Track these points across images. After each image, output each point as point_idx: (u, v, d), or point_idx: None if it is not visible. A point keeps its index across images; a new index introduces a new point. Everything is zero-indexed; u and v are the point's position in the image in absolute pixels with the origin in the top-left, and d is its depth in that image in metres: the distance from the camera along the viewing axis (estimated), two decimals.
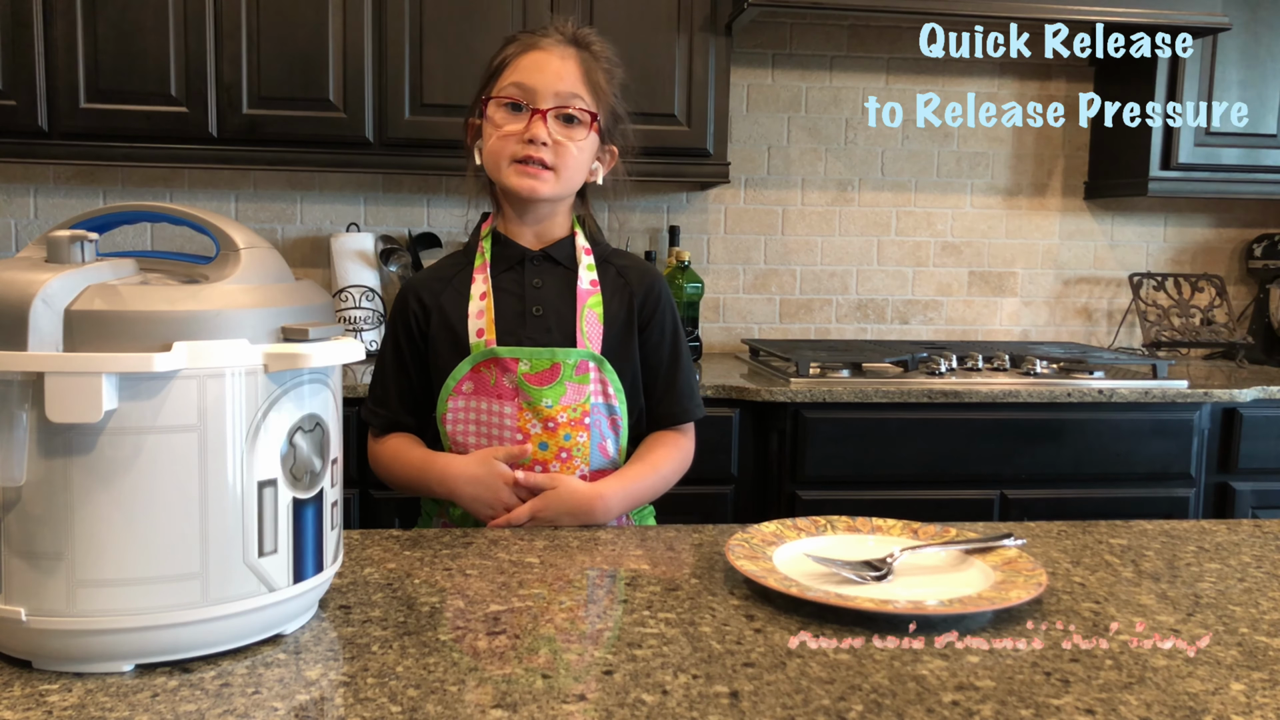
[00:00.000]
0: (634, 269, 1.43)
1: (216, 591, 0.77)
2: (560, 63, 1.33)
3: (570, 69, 1.33)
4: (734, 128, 2.93)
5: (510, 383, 1.31)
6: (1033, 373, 2.45)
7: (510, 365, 1.31)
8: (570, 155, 1.32)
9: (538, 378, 1.31)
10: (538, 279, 1.37)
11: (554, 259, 1.39)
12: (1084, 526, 1.24)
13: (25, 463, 0.73)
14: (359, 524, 2.27)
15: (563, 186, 1.34)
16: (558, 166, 1.32)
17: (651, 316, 1.41)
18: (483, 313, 1.34)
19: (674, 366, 1.42)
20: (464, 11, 2.46)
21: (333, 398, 0.87)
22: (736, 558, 1.01)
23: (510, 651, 0.83)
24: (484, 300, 1.34)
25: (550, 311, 1.35)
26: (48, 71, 2.36)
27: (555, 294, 1.37)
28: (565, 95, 1.31)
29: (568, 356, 1.32)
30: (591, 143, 1.35)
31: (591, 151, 1.37)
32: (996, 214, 3.08)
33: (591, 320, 1.35)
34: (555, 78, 1.31)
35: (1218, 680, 0.80)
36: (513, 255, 1.38)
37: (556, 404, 1.31)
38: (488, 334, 1.33)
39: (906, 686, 0.78)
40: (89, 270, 0.76)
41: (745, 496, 2.36)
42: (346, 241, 2.69)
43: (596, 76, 1.35)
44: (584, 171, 1.37)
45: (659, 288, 1.43)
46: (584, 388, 1.33)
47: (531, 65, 1.32)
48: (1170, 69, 2.76)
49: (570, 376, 1.32)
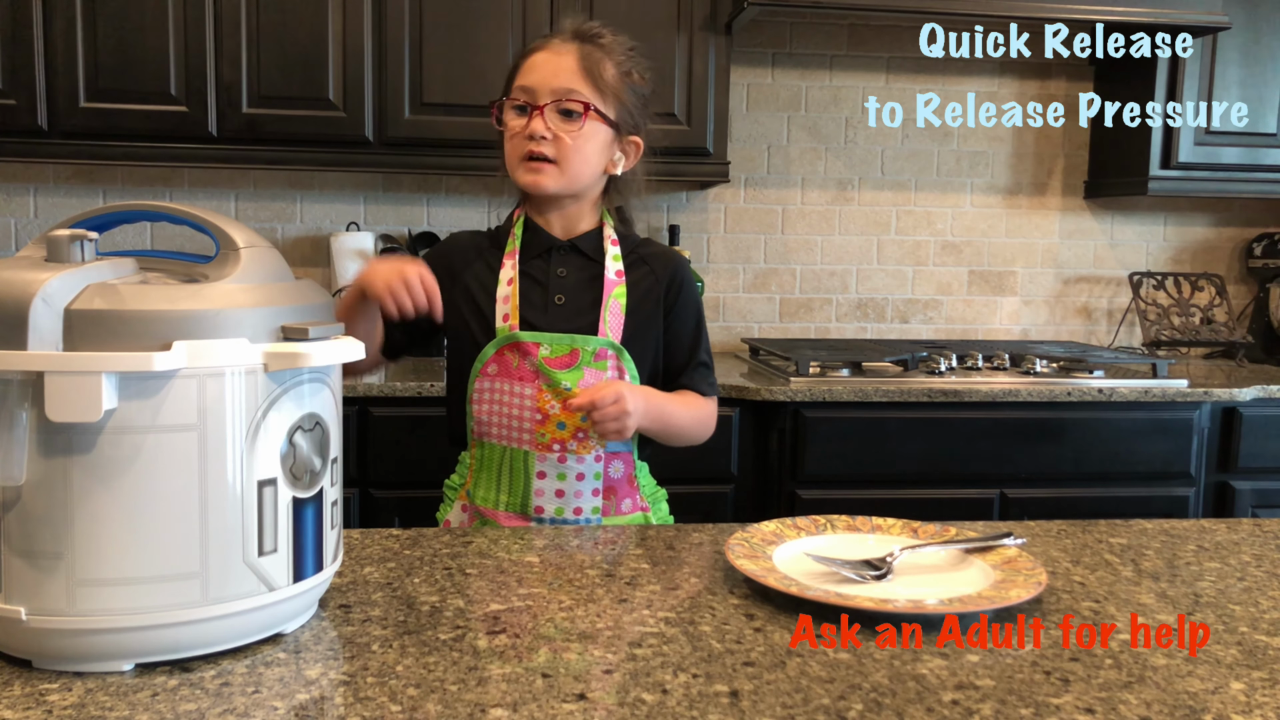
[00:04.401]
0: (659, 256, 1.46)
1: (216, 591, 0.77)
2: (557, 59, 1.35)
3: (567, 63, 1.35)
4: (734, 127, 2.93)
5: (531, 366, 1.35)
6: (1033, 372, 2.45)
7: (531, 349, 1.35)
8: (570, 148, 1.34)
9: (557, 362, 1.35)
10: (562, 268, 1.41)
11: (580, 250, 1.42)
12: (1084, 526, 1.24)
13: (25, 462, 0.73)
14: (359, 523, 2.27)
15: (568, 180, 1.36)
16: (559, 160, 1.35)
17: (675, 302, 1.45)
18: (509, 298, 1.38)
19: (695, 346, 1.46)
20: (464, 11, 2.46)
21: (333, 397, 0.87)
22: (736, 557, 1.01)
23: (510, 651, 0.83)
24: (510, 286, 1.39)
25: (572, 300, 1.39)
26: (47, 71, 2.36)
27: (578, 284, 1.40)
28: (561, 90, 1.34)
29: (587, 343, 1.36)
30: (596, 134, 1.36)
31: (600, 143, 1.37)
32: (996, 213, 3.08)
33: (615, 310, 1.39)
34: (552, 74, 1.34)
35: (1218, 679, 0.80)
36: (541, 243, 1.42)
37: (575, 386, 1.35)
38: (512, 319, 1.37)
39: (906, 686, 0.78)
40: (89, 269, 0.76)
41: (745, 496, 2.36)
42: (346, 241, 2.69)
43: (599, 68, 1.36)
44: (592, 163, 1.38)
45: (682, 275, 1.46)
46: (602, 374, 1.37)
47: (531, 66, 1.37)
48: (1170, 68, 2.76)
49: (589, 362, 1.36)
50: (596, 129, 1.36)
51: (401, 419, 2.26)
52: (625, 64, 1.40)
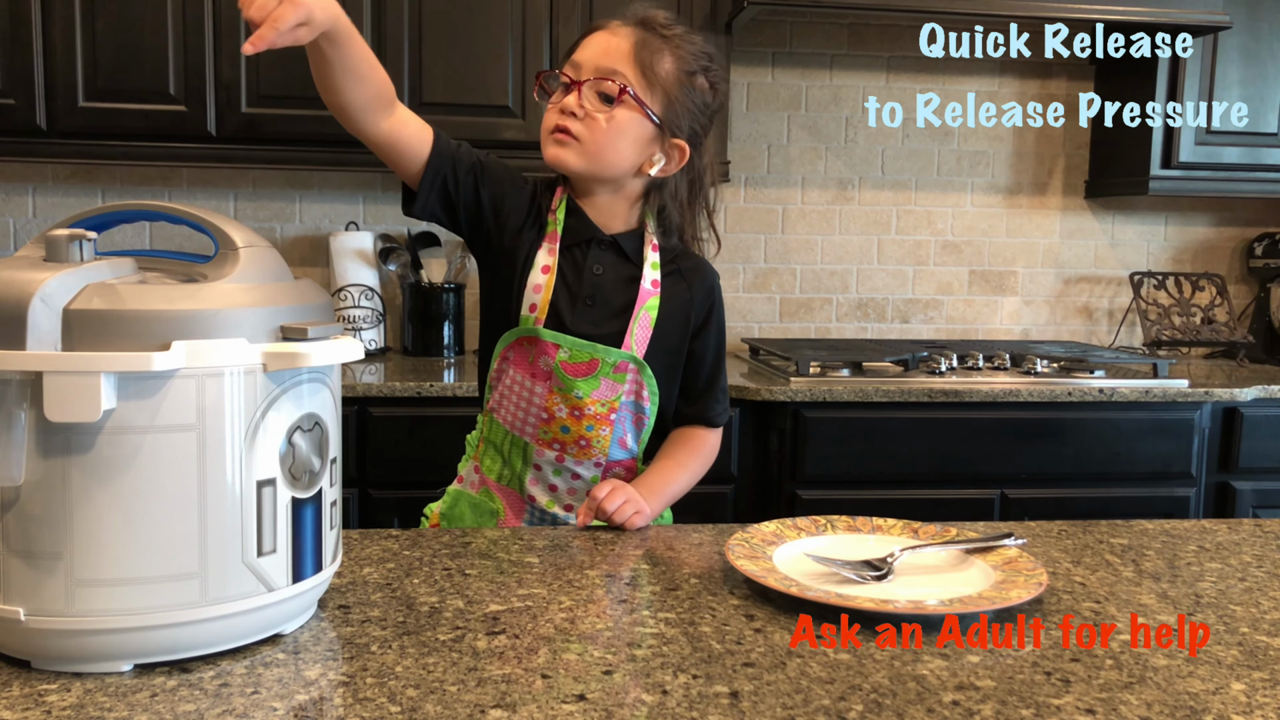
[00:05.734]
0: (696, 272, 1.40)
1: (215, 591, 0.77)
2: (610, 39, 1.29)
3: (619, 45, 1.29)
4: (734, 126, 2.92)
5: (546, 365, 1.30)
6: (1033, 372, 2.45)
7: (550, 350, 1.30)
8: (598, 128, 1.28)
9: (575, 368, 1.30)
10: (599, 266, 1.34)
11: (621, 248, 1.36)
12: (1084, 526, 1.24)
13: (24, 462, 0.73)
14: (358, 524, 2.27)
15: (590, 162, 1.29)
16: (583, 138, 1.28)
17: (706, 321, 1.40)
18: (540, 288, 1.31)
19: (716, 370, 1.42)
20: (464, 11, 2.46)
21: (332, 397, 0.87)
22: (736, 557, 1.01)
23: (510, 651, 0.82)
24: (546, 275, 1.32)
25: (601, 304, 1.33)
26: (46, 70, 2.36)
27: (613, 285, 1.34)
28: (605, 70, 1.28)
29: (609, 355, 1.30)
30: (633, 123, 1.29)
31: (636, 135, 1.30)
32: (997, 213, 3.08)
33: (644, 323, 1.33)
34: (601, 53, 1.29)
35: (1218, 680, 0.80)
36: (584, 231, 1.35)
37: (588, 396, 1.30)
38: (539, 311, 1.31)
39: (906, 686, 0.78)
40: (87, 269, 0.76)
41: (745, 496, 2.36)
42: (345, 240, 2.69)
43: (654, 58, 1.29)
44: (622, 153, 1.30)
45: (716, 294, 1.41)
46: (619, 386, 1.32)
47: (586, 43, 1.31)
48: (1170, 68, 2.76)
49: (607, 373, 1.31)
50: (634, 118, 1.28)
51: (401, 419, 2.26)
52: (691, 65, 1.31)
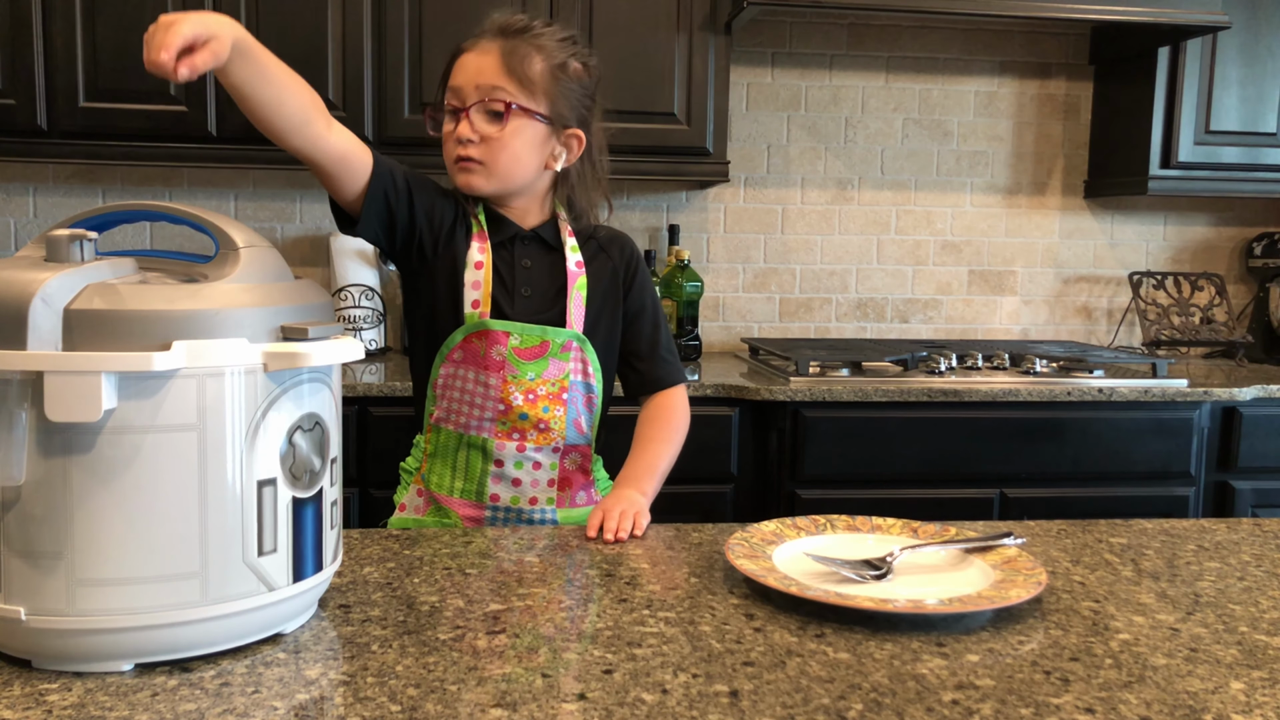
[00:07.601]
0: (613, 240, 1.46)
1: (216, 591, 0.77)
2: (479, 59, 1.33)
3: (488, 63, 1.32)
4: (733, 126, 2.92)
5: (499, 355, 1.35)
6: (1032, 372, 2.45)
7: (501, 339, 1.35)
8: (498, 148, 1.32)
9: (526, 352, 1.36)
10: (527, 260, 1.40)
11: (543, 239, 1.41)
12: (1084, 525, 1.24)
13: (25, 462, 0.73)
14: (358, 523, 2.27)
15: (499, 181, 1.35)
16: (486, 160, 1.33)
17: (632, 283, 1.45)
18: (479, 284, 1.36)
19: (656, 327, 1.47)
20: (464, 12, 2.46)
21: (332, 397, 0.87)
22: (736, 557, 1.01)
23: (510, 651, 0.83)
24: (480, 271, 1.36)
25: (537, 294, 1.39)
26: (47, 70, 2.36)
27: (542, 275, 1.40)
28: (485, 89, 1.32)
29: (557, 335, 1.36)
30: (524, 132, 1.33)
31: (530, 140, 1.34)
32: (996, 213, 3.08)
33: (578, 301, 1.39)
34: (475, 73, 1.32)
35: (1217, 679, 0.80)
36: (506, 229, 1.40)
37: (539, 377, 1.36)
38: (483, 306, 1.35)
39: (906, 686, 0.78)
40: (88, 269, 0.76)
41: (745, 496, 2.36)
42: (346, 241, 2.69)
43: (524, 64, 1.32)
44: (524, 162, 1.34)
45: (637, 256, 1.47)
46: (564, 364, 1.37)
47: (459, 67, 1.35)
48: (1170, 69, 2.76)
49: (555, 353, 1.37)
50: (524, 126, 1.33)
51: (401, 419, 2.26)
52: (558, 56, 1.35)
